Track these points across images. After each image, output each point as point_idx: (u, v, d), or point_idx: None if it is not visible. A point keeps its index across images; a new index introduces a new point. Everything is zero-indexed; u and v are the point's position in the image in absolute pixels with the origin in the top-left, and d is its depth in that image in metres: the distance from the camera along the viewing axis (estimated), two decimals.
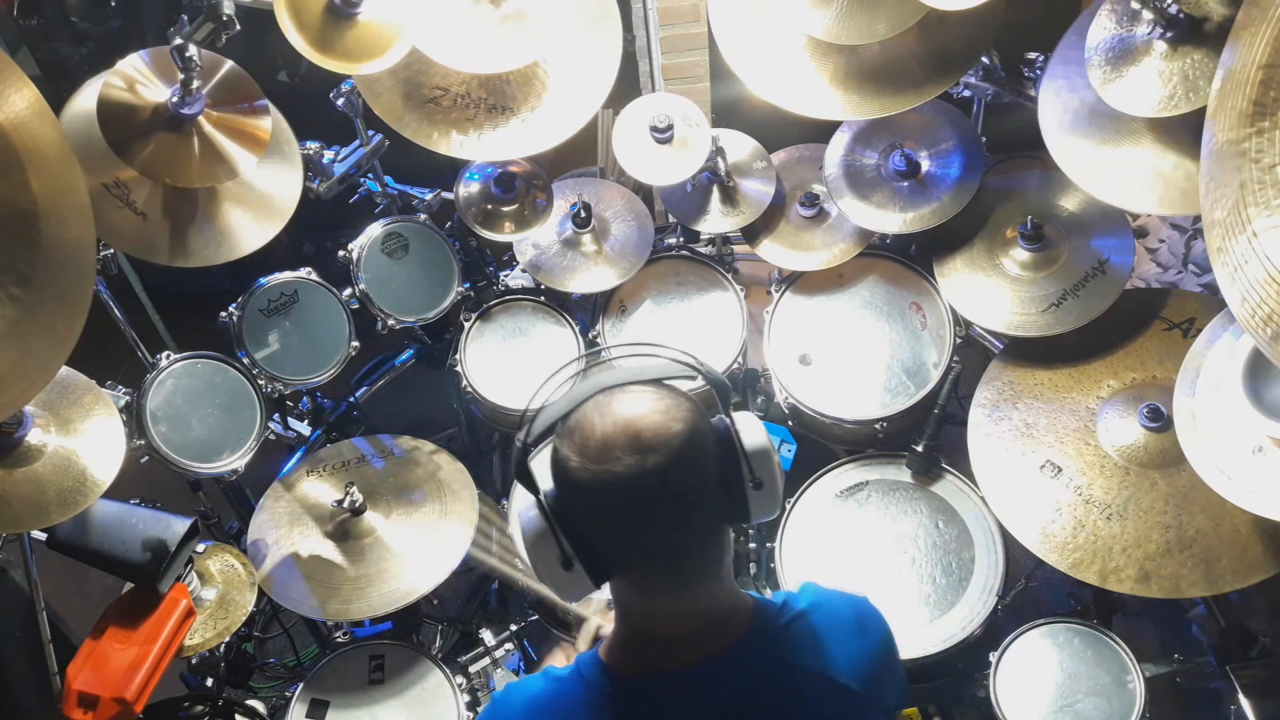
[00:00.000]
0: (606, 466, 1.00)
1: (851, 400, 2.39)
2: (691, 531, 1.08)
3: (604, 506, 1.04)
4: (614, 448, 1.00)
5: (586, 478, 1.02)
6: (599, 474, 1.01)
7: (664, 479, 1.01)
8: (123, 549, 1.84)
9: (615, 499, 1.02)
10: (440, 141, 2.26)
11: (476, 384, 2.47)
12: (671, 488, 1.03)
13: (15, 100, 1.42)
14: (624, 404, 1.04)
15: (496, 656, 2.31)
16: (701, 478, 1.06)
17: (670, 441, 1.01)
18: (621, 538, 1.06)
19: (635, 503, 1.02)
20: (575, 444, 1.03)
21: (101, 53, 3.56)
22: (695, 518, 1.07)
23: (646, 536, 1.06)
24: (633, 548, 1.07)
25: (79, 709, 1.74)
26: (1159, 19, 1.74)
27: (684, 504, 1.05)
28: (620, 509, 1.03)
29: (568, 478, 1.04)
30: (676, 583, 1.10)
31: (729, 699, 1.11)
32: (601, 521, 1.06)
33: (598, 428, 1.02)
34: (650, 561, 1.08)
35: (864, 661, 1.16)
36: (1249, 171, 1.29)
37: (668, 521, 1.05)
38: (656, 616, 1.13)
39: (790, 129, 2.50)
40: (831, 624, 1.18)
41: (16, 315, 1.39)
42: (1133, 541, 1.90)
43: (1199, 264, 2.82)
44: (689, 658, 1.12)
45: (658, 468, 1.00)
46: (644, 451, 1.00)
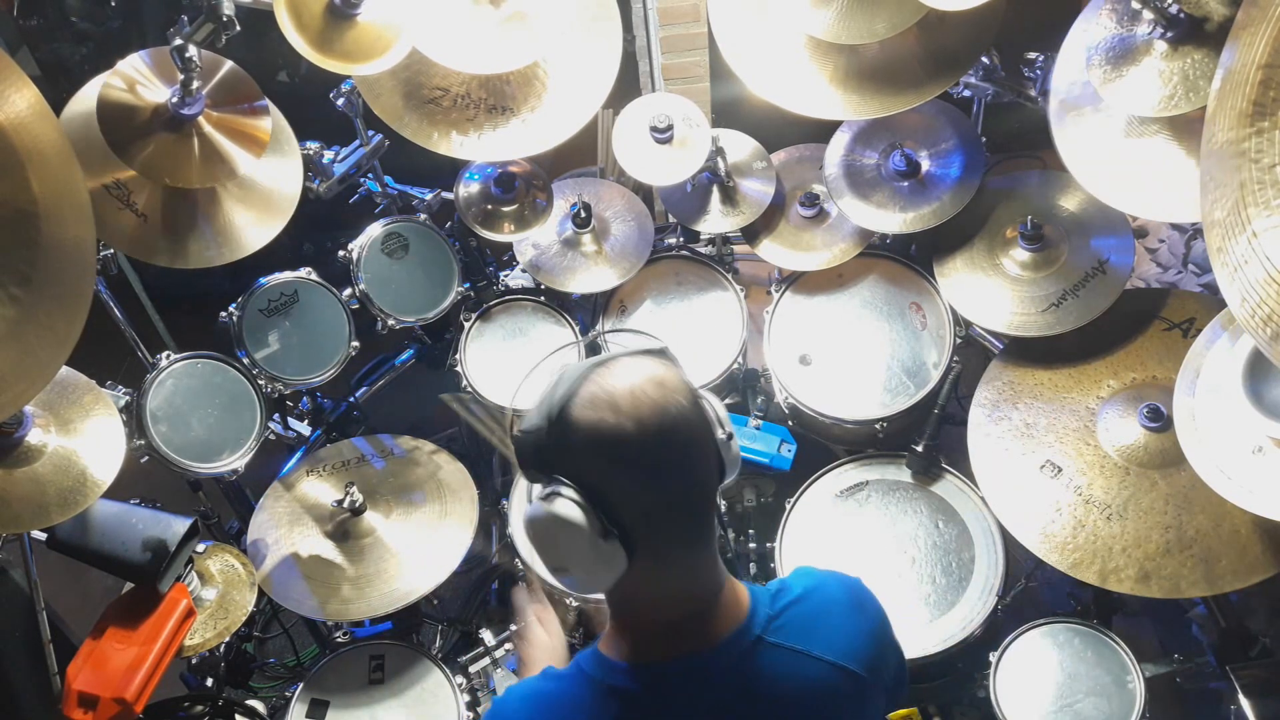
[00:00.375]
0: (648, 410, 1.04)
1: (851, 400, 2.39)
2: (708, 481, 1.12)
3: (644, 456, 1.05)
4: (645, 396, 1.05)
5: (632, 426, 1.04)
6: (643, 419, 1.04)
7: (690, 421, 1.08)
8: (123, 549, 1.84)
9: (654, 444, 1.05)
10: (440, 141, 2.26)
11: (476, 384, 2.47)
12: (695, 430, 1.09)
13: (15, 100, 1.42)
14: (628, 366, 1.09)
15: (496, 656, 2.31)
16: (709, 426, 1.12)
17: (682, 386, 1.09)
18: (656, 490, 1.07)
19: (673, 446, 1.07)
20: (603, 407, 1.05)
21: (101, 53, 3.56)
22: (710, 466, 1.12)
23: (679, 485, 1.09)
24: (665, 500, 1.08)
25: (79, 709, 1.74)
26: (1159, 19, 1.75)
27: (703, 449, 1.11)
28: (660, 454, 1.06)
29: (600, 440, 1.05)
30: (694, 542, 1.12)
31: (733, 686, 1.12)
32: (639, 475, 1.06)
33: (620, 385, 1.06)
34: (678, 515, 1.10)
35: (862, 642, 1.18)
36: (1249, 171, 1.29)
37: (695, 466, 1.10)
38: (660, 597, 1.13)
39: (790, 129, 2.50)
40: (828, 607, 1.19)
41: (16, 315, 1.40)
42: (1133, 541, 1.90)
43: (1199, 264, 2.82)
44: (690, 645, 1.13)
45: (686, 409, 1.07)
46: (671, 394, 1.06)
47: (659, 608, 1.14)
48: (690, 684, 1.12)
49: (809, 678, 1.13)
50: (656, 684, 1.13)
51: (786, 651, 1.14)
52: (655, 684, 1.13)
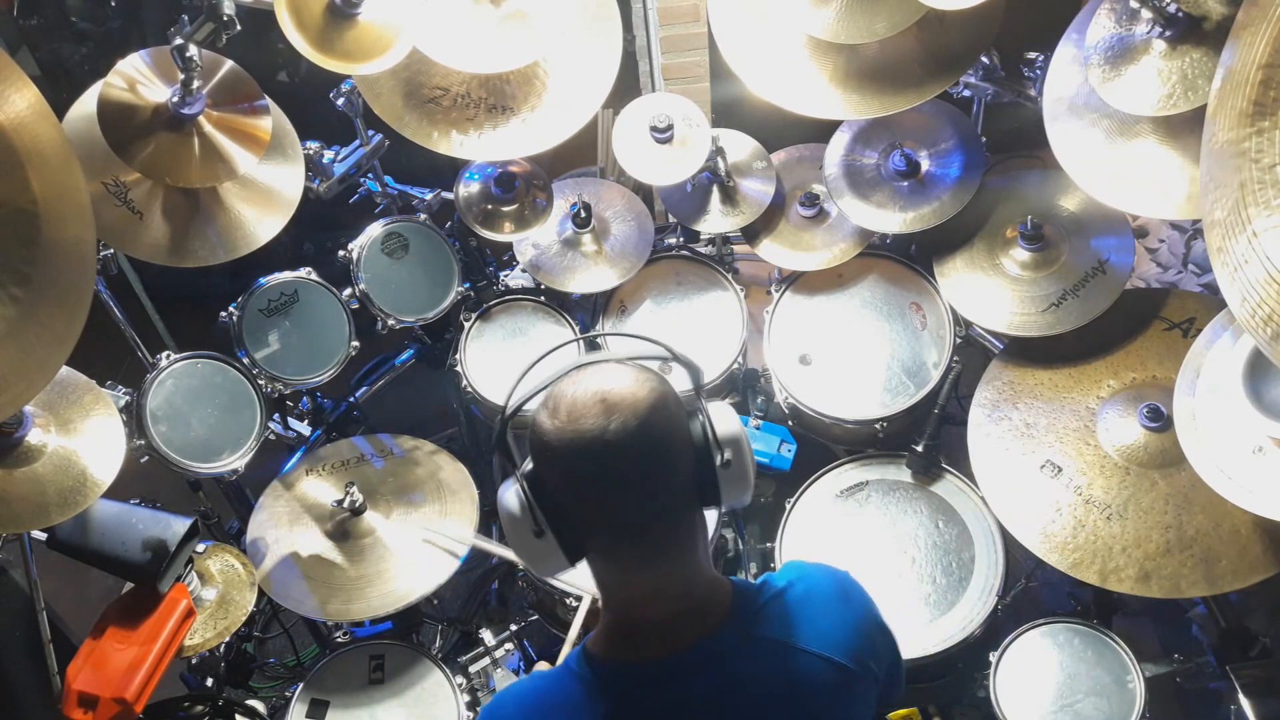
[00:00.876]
0: (574, 426, 1.04)
1: (851, 400, 2.39)
2: (657, 502, 1.09)
3: (572, 467, 1.07)
4: (582, 409, 1.05)
5: (556, 439, 1.05)
6: (568, 433, 1.05)
7: (628, 441, 1.04)
8: (123, 549, 1.84)
9: (581, 459, 1.05)
10: (440, 141, 2.26)
11: (476, 384, 2.47)
12: (636, 451, 1.05)
13: (15, 100, 1.42)
14: (596, 375, 1.09)
15: (496, 656, 2.31)
16: (666, 447, 1.08)
17: (635, 406, 1.05)
18: (589, 502, 1.09)
19: (600, 463, 1.05)
20: (548, 410, 1.08)
21: (101, 53, 3.57)
22: (661, 487, 1.09)
23: (612, 502, 1.08)
24: (600, 514, 1.09)
25: (79, 709, 1.74)
26: (1158, 18, 1.74)
27: (649, 471, 1.07)
28: (587, 469, 1.06)
29: (539, 440, 1.08)
30: (647, 556, 1.11)
31: (717, 682, 1.12)
32: (571, 485, 1.08)
33: (569, 393, 1.07)
34: (619, 531, 1.10)
35: (848, 634, 1.17)
36: (1249, 171, 1.29)
37: (634, 487, 1.07)
38: (635, 598, 1.14)
39: (790, 129, 2.50)
40: (812, 599, 1.19)
41: (16, 315, 1.40)
42: (1133, 541, 1.90)
43: (1199, 264, 2.82)
44: (675, 643, 1.13)
45: (622, 429, 1.04)
46: (609, 414, 1.04)
47: (639, 607, 1.14)
48: (678, 680, 1.12)
49: (795, 670, 1.13)
50: (644, 681, 1.13)
51: (772, 644, 1.14)
52: (643, 681, 1.13)
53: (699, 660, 1.12)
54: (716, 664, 1.12)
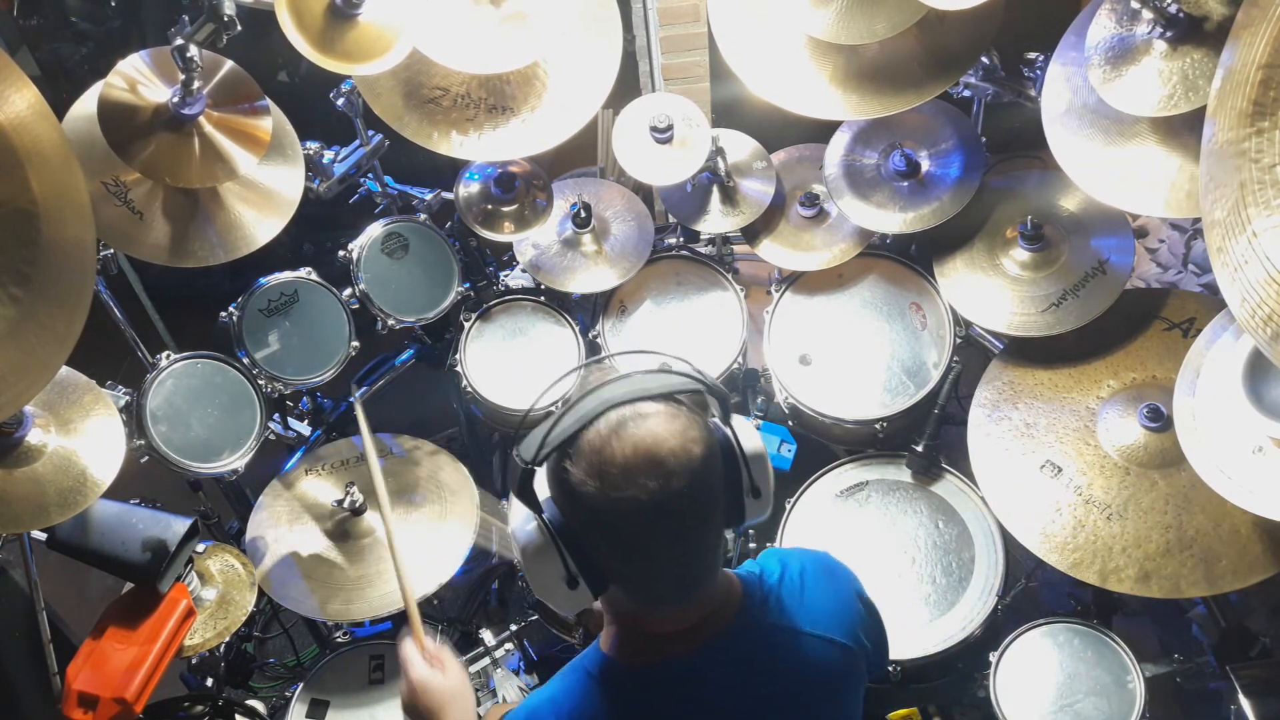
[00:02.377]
0: (630, 494, 0.99)
1: (851, 400, 2.39)
2: (702, 544, 1.09)
3: (622, 531, 1.03)
4: (637, 474, 0.99)
5: (607, 505, 1.01)
6: (622, 501, 1.00)
7: (686, 502, 1.02)
8: (123, 549, 1.84)
9: (636, 524, 1.02)
10: (440, 141, 2.26)
11: (476, 384, 2.47)
12: (692, 509, 1.04)
13: (15, 100, 1.42)
14: (640, 427, 1.02)
15: (496, 656, 2.31)
16: (714, 496, 1.08)
17: (691, 465, 1.02)
18: (635, 559, 1.07)
19: (657, 528, 1.03)
20: (592, 469, 1.01)
21: (101, 53, 3.57)
22: (705, 536, 1.09)
23: (661, 556, 1.07)
24: (645, 566, 1.08)
25: (79, 709, 1.74)
26: (1159, 18, 1.74)
27: (700, 523, 1.07)
28: (639, 534, 1.03)
29: (582, 503, 1.03)
30: (680, 593, 1.12)
31: (737, 673, 1.14)
32: (617, 544, 1.06)
33: (618, 454, 1.00)
34: (659, 577, 1.09)
35: (841, 613, 1.22)
36: (1249, 171, 1.29)
37: (685, 541, 1.06)
38: (655, 620, 1.15)
39: (790, 129, 2.50)
40: (806, 582, 1.22)
41: (16, 315, 1.40)
42: (1133, 541, 1.90)
43: (1199, 264, 2.82)
44: (692, 645, 1.14)
45: (680, 491, 1.00)
46: (667, 477, 1.00)
47: (657, 624, 1.15)
48: (701, 676, 1.14)
49: (804, 653, 1.16)
50: (666, 681, 1.14)
51: (784, 631, 1.16)
52: (665, 681, 1.14)
53: (718, 655, 1.14)
54: (735, 657, 1.14)
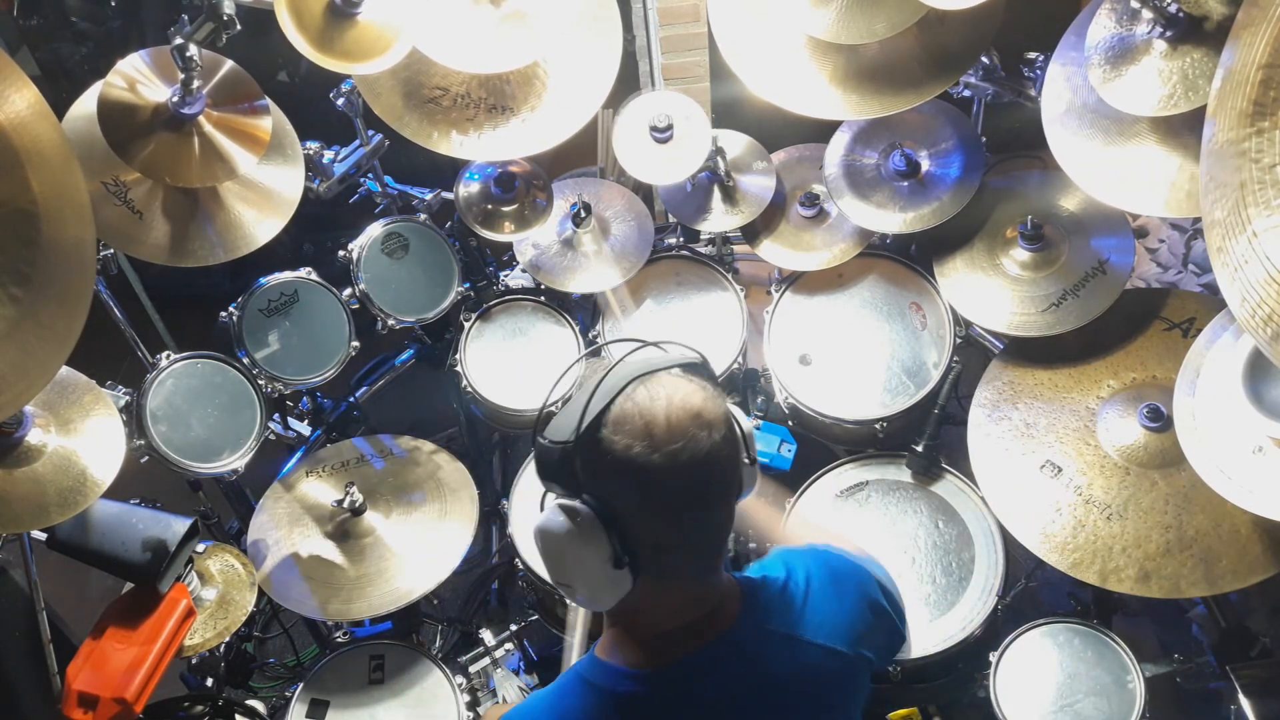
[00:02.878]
0: (681, 445, 1.02)
1: (851, 400, 2.39)
2: (729, 510, 1.12)
3: (671, 492, 1.04)
4: (686, 427, 1.03)
5: (663, 462, 1.02)
6: (677, 454, 1.02)
7: (722, 457, 1.06)
8: (123, 549, 1.84)
9: (686, 478, 1.04)
10: (440, 141, 2.26)
11: (476, 384, 2.47)
12: (724, 466, 1.08)
13: (15, 100, 1.42)
14: (668, 389, 1.06)
15: (496, 656, 2.31)
16: (739, 457, 1.12)
17: (725, 417, 1.07)
18: (678, 523, 1.07)
19: (710, 477, 1.06)
20: (637, 432, 1.03)
21: (101, 53, 3.57)
22: (732, 496, 1.12)
23: (711, 509, 1.09)
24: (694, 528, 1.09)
25: (79, 709, 1.74)
26: (1159, 18, 1.74)
27: (734, 475, 1.11)
28: (695, 486, 1.05)
29: (631, 469, 1.03)
30: (705, 566, 1.13)
31: (735, 678, 1.13)
32: (671, 505, 1.06)
33: (660, 414, 1.03)
34: (694, 545, 1.10)
35: (844, 621, 1.21)
36: (1249, 171, 1.29)
37: (719, 500, 1.09)
38: (664, 611, 1.14)
39: (790, 129, 2.50)
40: (811, 589, 1.21)
41: (16, 315, 1.39)
42: (1133, 541, 1.90)
43: (1199, 264, 2.82)
44: (689, 647, 1.13)
45: (722, 441, 1.05)
46: (709, 427, 1.04)
47: (660, 620, 1.14)
48: (695, 682, 1.13)
49: (804, 662, 1.16)
50: (662, 686, 1.13)
51: (781, 638, 1.16)
52: (661, 686, 1.13)
53: (715, 660, 1.13)
54: (732, 662, 1.14)
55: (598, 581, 1.07)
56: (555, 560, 1.10)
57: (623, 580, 1.06)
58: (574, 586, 1.10)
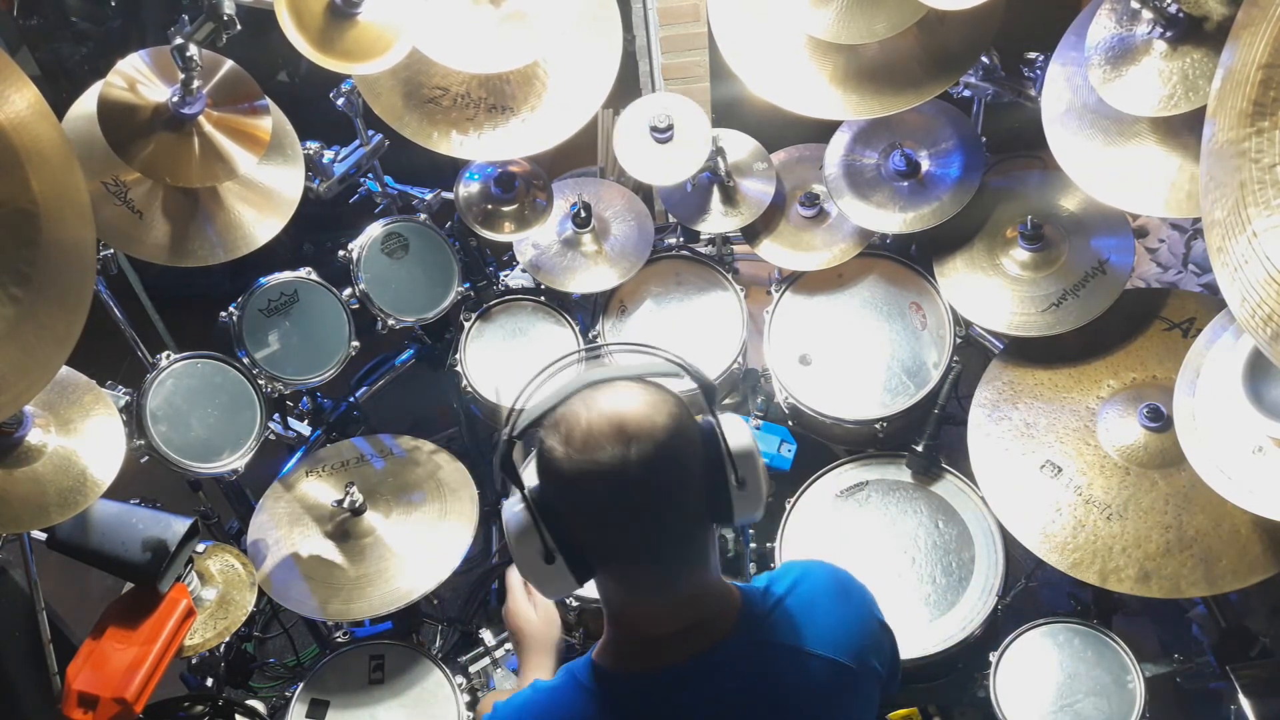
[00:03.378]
0: (591, 456, 1.01)
1: (851, 400, 2.39)
2: (675, 528, 1.08)
3: (588, 497, 1.04)
4: (599, 437, 1.01)
5: (571, 467, 1.02)
6: (583, 463, 1.01)
7: (648, 470, 1.01)
8: (123, 549, 1.84)
9: (599, 489, 1.02)
10: (440, 141, 2.26)
11: (476, 384, 2.47)
12: (655, 480, 1.03)
13: (15, 100, 1.42)
14: (610, 397, 1.05)
15: (496, 656, 2.31)
16: (684, 473, 1.07)
17: (654, 433, 1.02)
18: (605, 531, 1.06)
19: (619, 494, 1.03)
20: (560, 435, 1.04)
21: (101, 53, 3.57)
22: (678, 513, 1.07)
23: (629, 530, 1.06)
24: (616, 542, 1.07)
25: (79, 709, 1.74)
26: (1159, 18, 1.74)
27: (666, 498, 1.05)
28: (604, 500, 1.03)
29: (552, 468, 1.05)
30: (660, 580, 1.10)
31: (730, 688, 1.12)
32: (585, 513, 1.06)
33: (583, 418, 1.03)
34: (633, 557, 1.08)
35: (850, 632, 1.18)
36: (1249, 171, 1.29)
37: (651, 514, 1.05)
38: (645, 616, 1.13)
39: (790, 129, 2.50)
40: (816, 600, 1.19)
41: (16, 315, 1.39)
42: (1133, 541, 1.90)
43: (1199, 264, 2.82)
44: (684, 654, 1.12)
45: (642, 458, 1.01)
46: (627, 442, 1.01)
47: (647, 624, 1.13)
48: (689, 689, 1.12)
49: (804, 673, 1.14)
50: (655, 691, 1.12)
51: (781, 648, 1.14)
52: (654, 691, 1.12)
53: (710, 668, 1.12)
54: (728, 671, 1.12)
55: (539, 572, 1.09)
56: (512, 551, 1.12)
57: (561, 574, 1.07)
58: (523, 573, 1.12)
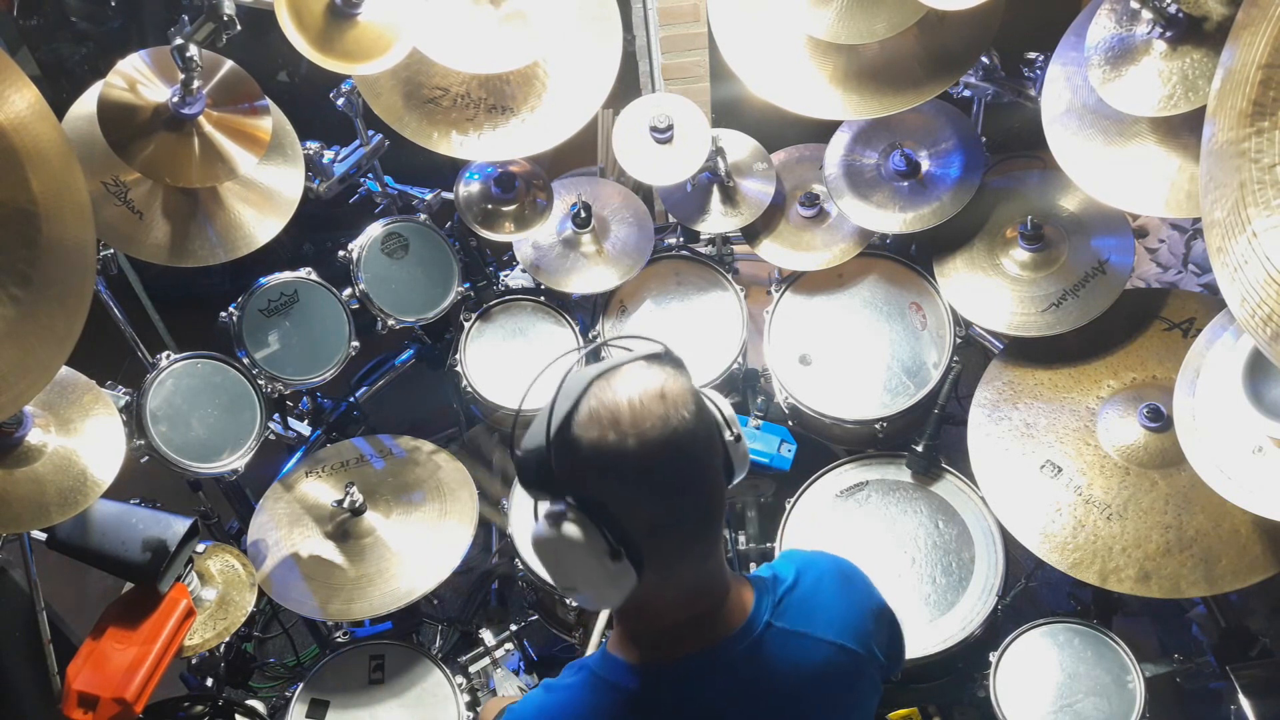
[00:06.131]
0: (649, 426, 1.02)
1: (851, 400, 2.39)
2: (716, 488, 1.12)
3: (650, 469, 1.04)
4: (647, 411, 1.03)
5: (634, 446, 1.02)
6: (645, 435, 1.02)
7: (694, 433, 1.05)
8: (123, 549, 1.84)
9: (660, 457, 1.03)
10: (440, 141, 2.26)
11: (476, 384, 2.47)
12: (700, 442, 1.07)
13: (15, 100, 1.42)
14: (629, 379, 1.06)
15: (496, 656, 2.32)
16: (713, 430, 1.11)
17: (686, 395, 1.06)
18: (671, 500, 1.06)
19: (678, 456, 1.04)
20: (604, 424, 1.03)
21: (101, 53, 3.57)
22: (717, 474, 1.12)
23: (692, 492, 1.08)
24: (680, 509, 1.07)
25: (79, 709, 1.74)
26: (1158, 18, 1.74)
27: (710, 459, 1.10)
28: (667, 467, 1.04)
29: (605, 460, 1.03)
30: (702, 549, 1.12)
31: (746, 676, 1.13)
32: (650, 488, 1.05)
33: (623, 401, 1.04)
34: (693, 523, 1.09)
35: (855, 618, 1.21)
36: (1249, 171, 1.29)
37: (701, 477, 1.08)
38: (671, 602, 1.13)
39: (790, 129, 2.50)
40: (821, 588, 1.21)
41: (16, 315, 1.39)
42: (1133, 541, 1.90)
43: (1199, 264, 2.82)
44: (704, 641, 1.13)
45: (689, 422, 1.04)
46: (676, 405, 1.04)
47: (668, 613, 1.14)
48: (706, 678, 1.13)
49: (816, 659, 1.16)
50: (672, 682, 1.13)
51: (793, 635, 1.16)
52: (671, 682, 1.13)
53: (728, 656, 1.13)
54: (746, 658, 1.13)
55: (600, 579, 1.07)
56: (555, 566, 1.10)
57: (625, 573, 1.06)
58: (578, 589, 1.09)
